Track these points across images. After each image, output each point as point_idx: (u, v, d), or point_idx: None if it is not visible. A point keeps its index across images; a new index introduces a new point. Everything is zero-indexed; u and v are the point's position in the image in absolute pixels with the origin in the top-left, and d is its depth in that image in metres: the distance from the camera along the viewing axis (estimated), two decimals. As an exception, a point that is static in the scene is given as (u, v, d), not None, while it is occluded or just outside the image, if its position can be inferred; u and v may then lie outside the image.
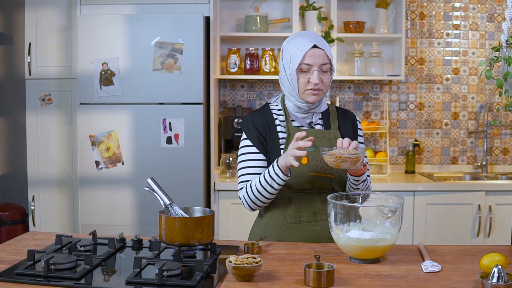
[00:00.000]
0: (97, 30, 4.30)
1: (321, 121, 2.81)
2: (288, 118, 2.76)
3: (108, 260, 2.34)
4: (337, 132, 2.78)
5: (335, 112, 2.85)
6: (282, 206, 2.73)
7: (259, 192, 2.63)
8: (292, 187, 2.69)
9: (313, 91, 2.67)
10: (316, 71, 2.64)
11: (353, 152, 2.44)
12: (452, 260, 2.37)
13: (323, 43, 2.69)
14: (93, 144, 4.33)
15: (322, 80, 2.66)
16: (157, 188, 2.46)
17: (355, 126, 2.86)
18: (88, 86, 4.32)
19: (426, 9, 5.20)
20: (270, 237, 2.72)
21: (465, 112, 5.27)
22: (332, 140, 2.73)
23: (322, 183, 2.69)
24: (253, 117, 2.78)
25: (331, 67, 2.69)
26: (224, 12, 5.11)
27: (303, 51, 2.64)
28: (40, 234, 2.79)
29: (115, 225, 4.32)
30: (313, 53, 2.64)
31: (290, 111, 2.78)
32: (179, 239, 2.28)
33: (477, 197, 4.56)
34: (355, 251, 2.30)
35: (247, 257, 2.09)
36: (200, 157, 4.31)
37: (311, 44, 2.65)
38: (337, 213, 2.33)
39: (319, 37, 2.71)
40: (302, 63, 2.65)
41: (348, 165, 2.45)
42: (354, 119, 2.88)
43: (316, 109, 2.77)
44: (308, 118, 2.79)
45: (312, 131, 2.74)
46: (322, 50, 2.66)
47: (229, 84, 5.22)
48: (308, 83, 2.66)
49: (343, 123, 2.83)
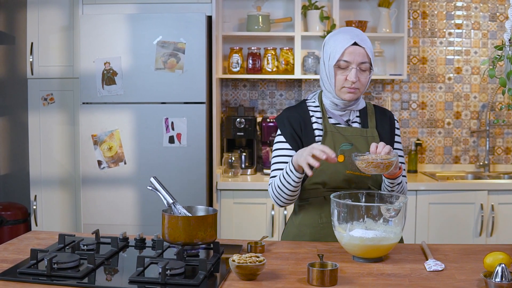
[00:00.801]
0: (99, 30, 4.30)
1: (359, 119, 2.78)
2: (325, 115, 2.74)
3: (111, 259, 2.34)
4: (375, 130, 2.74)
5: (373, 111, 2.81)
6: (317, 205, 2.70)
7: (280, 188, 2.63)
8: (327, 185, 2.67)
9: (350, 89, 2.64)
10: (354, 69, 2.60)
11: (385, 157, 2.42)
12: (455, 259, 2.36)
13: (365, 41, 2.64)
14: (95, 144, 4.33)
15: (359, 79, 2.63)
16: (160, 187, 2.46)
17: (393, 125, 2.82)
18: (90, 86, 4.32)
19: (428, 8, 5.19)
20: (305, 236, 2.70)
21: (468, 111, 5.26)
22: (369, 139, 2.70)
23: (358, 182, 2.67)
24: (288, 113, 2.76)
25: (370, 66, 2.65)
26: (226, 12, 5.11)
27: (343, 47, 2.61)
28: (43, 234, 2.79)
29: (117, 225, 4.32)
30: (353, 51, 2.61)
31: (327, 108, 2.76)
32: (182, 238, 2.27)
33: (479, 197, 4.55)
34: (358, 250, 2.29)
35: (250, 256, 2.09)
36: (203, 156, 4.31)
37: (351, 41, 2.61)
38: (340, 212, 2.33)
39: (361, 35, 2.66)
40: (340, 59, 2.61)
41: (380, 171, 2.42)
42: (392, 119, 2.84)
43: (353, 106, 2.74)
44: (346, 115, 2.75)
45: (349, 129, 2.72)
46: (363, 48, 2.62)
47: (231, 84, 5.22)
48: (345, 80, 2.63)
49: (381, 122, 2.79)
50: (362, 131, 2.72)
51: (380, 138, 2.73)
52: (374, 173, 2.44)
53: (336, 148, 2.66)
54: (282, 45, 5.07)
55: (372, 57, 2.66)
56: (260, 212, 4.52)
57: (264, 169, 4.94)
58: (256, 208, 4.52)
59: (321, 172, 2.64)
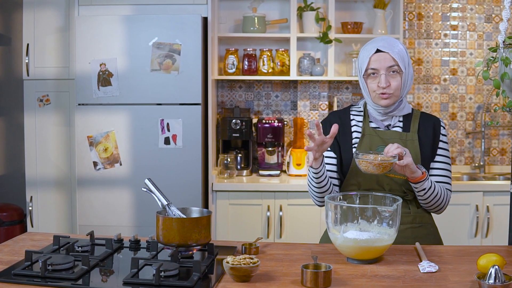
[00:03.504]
0: (95, 31, 4.30)
1: (401, 123, 2.79)
2: (367, 119, 2.78)
3: (106, 260, 2.34)
4: (415, 135, 2.74)
5: (418, 116, 2.81)
6: None
7: (309, 186, 2.73)
8: (361, 186, 2.71)
9: (383, 95, 2.67)
10: (383, 75, 2.65)
11: (384, 158, 2.44)
12: (449, 261, 2.37)
13: (388, 46, 2.68)
14: (91, 145, 4.33)
15: (390, 83, 2.66)
16: (154, 189, 2.47)
17: (437, 131, 2.79)
18: (86, 87, 4.32)
19: (424, 10, 5.20)
20: None
21: (463, 112, 5.27)
22: (408, 143, 2.71)
23: (392, 185, 2.68)
24: (331, 117, 2.87)
25: (400, 69, 2.67)
26: (222, 13, 5.12)
27: (367, 57, 2.68)
28: (38, 235, 2.79)
29: (113, 226, 4.31)
30: (377, 58, 2.67)
31: (370, 113, 2.80)
32: (176, 240, 2.28)
33: (474, 198, 4.56)
34: (352, 251, 2.30)
35: (244, 258, 2.10)
36: (198, 157, 4.31)
37: (374, 49, 2.67)
38: (335, 214, 2.33)
39: (385, 41, 2.70)
40: (368, 68, 2.68)
41: (379, 171, 2.46)
42: (437, 124, 2.81)
43: (395, 112, 2.76)
44: (387, 120, 2.78)
45: (388, 133, 2.74)
46: (387, 54, 2.66)
47: (227, 85, 5.22)
48: (378, 87, 2.67)
49: (424, 126, 2.78)
50: (402, 135, 2.74)
51: (419, 143, 2.73)
52: (375, 173, 2.46)
53: (372, 150, 2.70)
54: (278, 47, 5.07)
55: (402, 60, 2.67)
56: (255, 213, 4.52)
57: (260, 170, 4.95)
58: (252, 210, 4.52)
59: (357, 173, 2.67)
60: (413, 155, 2.65)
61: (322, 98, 5.17)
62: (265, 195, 4.51)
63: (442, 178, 2.77)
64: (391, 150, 2.48)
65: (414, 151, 2.69)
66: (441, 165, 2.78)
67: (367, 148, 2.70)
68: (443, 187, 2.74)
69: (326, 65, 4.99)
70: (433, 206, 2.73)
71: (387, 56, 2.66)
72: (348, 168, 2.73)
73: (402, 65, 2.67)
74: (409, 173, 2.56)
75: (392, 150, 2.48)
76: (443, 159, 2.78)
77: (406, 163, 2.50)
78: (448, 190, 2.77)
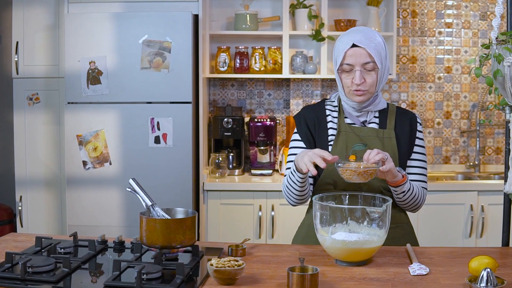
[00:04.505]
0: (85, 28, 4.25)
1: (377, 119, 2.71)
2: (342, 115, 2.69)
3: (88, 263, 2.28)
4: (392, 132, 2.66)
5: (394, 112, 2.73)
6: None
7: (288, 188, 2.61)
8: (337, 186, 2.62)
9: (357, 92, 2.58)
10: (358, 71, 2.55)
11: (367, 166, 2.36)
12: (440, 263, 2.32)
13: (365, 41, 2.56)
14: (80, 144, 4.28)
15: (365, 79, 2.57)
16: (138, 189, 2.41)
17: (414, 127, 2.72)
18: (76, 85, 4.26)
19: (418, 7, 5.15)
20: (313, 237, 2.63)
21: (458, 111, 5.22)
22: (385, 140, 2.64)
23: (370, 185, 2.59)
24: (305, 112, 2.74)
25: (376, 65, 2.57)
26: (214, 10, 5.06)
27: (343, 51, 2.57)
28: (22, 236, 2.74)
29: (103, 226, 4.26)
30: (353, 53, 2.56)
31: (345, 108, 2.71)
32: (160, 242, 2.22)
33: (469, 197, 4.51)
34: (340, 253, 2.25)
35: (229, 260, 2.04)
36: (189, 157, 4.26)
37: (349, 44, 2.56)
38: (323, 215, 2.28)
39: (363, 34, 2.59)
40: (343, 63, 2.58)
41: (363, 179, 2.37)
42: (413, 120, 2.73)
43: (370, 107, 2.67)
44: (363, 116, 2.69)
45: (364, 129, 2.66)
46: (363, 49, 2.55)
47: (219, 83, 5.17)
48: (352, 83, 2.58)
49: (400, 123, 2.70)
50: (378, 132, 2.66)
51: (397, 140, 2.66)
52: (358, 181, 2.38)
53: (348, 148, 2.62)
54: (270, 44, 5.02)
55: (379, 55, 2.57)
56: (247, 213, 4.46)
57: (252, 169, 4.89)
58: (244, 209, 4.47)
59: (332, 172, 2.57)
60: (390, 153, 2.57)
61: (315, 97, 5.12)
62: (257, 195, 4.46)
63: (418, 177, 2.70)
64: (372, 156, 2.38)
65: (391, 149, 2.62)
66: (417, 163, 2.71)
67: (343, 146, 2.62)
68: (420, 186, 2.68)
69: (319, 63, 4.94)
70: (410, 206, 2.66)
71: (363, 51, 2.55)
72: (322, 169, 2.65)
73: (379, 60, 2.57)
74: (390, 177, 2.48)
75: (373, 156, 2.37)
76: (420, 156, 2.72)
77: (388, 168, 2.41)
78: (424, 188, 2.71)
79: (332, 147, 2.63)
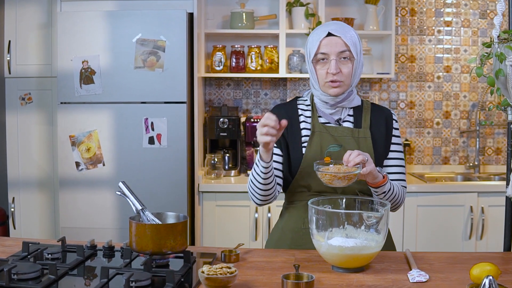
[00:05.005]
0: (78, 27, 4.17)
1: (352, 118, 2.62)
2: (315, 114, 2.60)
3: (76, 269, 2.20)
4: (367, 131, 2.58)
5: (369, 109, 2.64)
6: (301, 209, 2.56)
7: (253, 182, 2.49)
8: (312, 189, 2.54)
9: (333, 83, 2.49)
10: (333, 60, 2.47)
11: (348, 170, 2.27)
12: (440, 269, 2.24)
13: (340, 30, 2.49)
14: (73, 145, 4.20)
15: (341, 70, 2.48)
16: (128, 193, 2.33)
17: (390, 125, 2.64)
18: (68, 85, 4.19)
19: (417, 5, 5.08)
20: (287, 240, 2.56)
21: (457, 111, 5.15)
22: (361, 140, 2.55)
23: (345, 188, 2.48)
24: (277, 111, 2.60)
25: (352, 55, 2.49)
26: (209, 9, 4.99)
27: (318, 40, 2.49)
28: (10, 240, 2.66)
29: (96, 228, 4.19)
30: (328, 42, 2.48)
31: (318, 107, 2.62)
32: (150, 247, 2.14)
33: (469, 199, 4.44)
34: (337, 259, 2.16)
35: (221, 267, 1.96)
36: (184, 157, 4.18)
37: (325, 32, 2.49)
38: (319, 219, 2.20)
39: (338, 25, 2.52)
40: (317, 53, 2.49)
41: (344, 183, 2.29)
42: (389, 117, 2.65)
43: (344, 103, 2.57)
44: (336, 114, 2.60)
45: (339, 129, 2.57)
46: (339, 38, 2.48)
47: (215, 83, 5.09)
48: (327, 74, 2.49)
49: (376, 121, 2.62)
50: (354, 131, 2.57)
51: (373, 139, 2.57)
52: (338, 186, 2.30)
53: (323, 149, 2.53)
54: (267, 43, 4.94)
55: (354, 46, 2.50)
56: (243, 215, 4.39)
57: (248, 170, 4.82)
58: (240, 211, 4.39)
59: (306, 175, 2.51)
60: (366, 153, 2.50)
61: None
62: (253, 196, 4.38)
63: (397, 176, 2.62)
64: (352, 158, 2.29)
65: (367, 150, 2.54)
66: (395, 162, 2.63)
67: (317, 147, 2.53)
68: (400, 185, 2.60)
69: (317, 62, 4.86)
70: (391, 206, 2.57)
71: (339, 40, 2.48)
72: (297, 169, 2.55)
73: (354, 51, 2.50)
74: (371, 179, 2.40)
75: (353, 158, 2.28)
76: (397, 154, 2.64)
77: (369, 170, 2.33)
78: (404, 187, 2.64)
79: (306, 148, 2.55)
